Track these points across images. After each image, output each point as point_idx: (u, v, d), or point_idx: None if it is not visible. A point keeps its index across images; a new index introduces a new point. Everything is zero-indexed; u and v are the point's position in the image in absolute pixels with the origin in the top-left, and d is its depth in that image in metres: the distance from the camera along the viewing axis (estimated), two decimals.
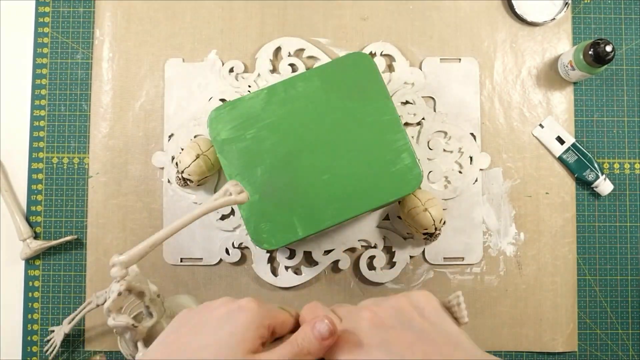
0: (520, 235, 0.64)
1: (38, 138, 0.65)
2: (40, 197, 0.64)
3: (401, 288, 0.63)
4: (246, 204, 0.55)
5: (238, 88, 0.64)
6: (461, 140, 0.63)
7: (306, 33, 0.65)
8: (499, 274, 0.63)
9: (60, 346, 0.63)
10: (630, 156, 0.65)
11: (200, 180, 0.59)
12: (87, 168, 0.64)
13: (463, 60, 0.64)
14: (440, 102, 0.64)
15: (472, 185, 0.63)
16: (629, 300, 0.64)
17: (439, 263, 0.63)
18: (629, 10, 0.66)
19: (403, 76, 0.64)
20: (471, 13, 0.65)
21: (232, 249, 0.62)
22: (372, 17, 0.65)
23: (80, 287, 0.64)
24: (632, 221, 0.64)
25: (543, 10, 0.65)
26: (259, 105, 0.56)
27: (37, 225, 0.64)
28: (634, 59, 0.66)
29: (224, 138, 0.55)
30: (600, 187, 0.63)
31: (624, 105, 0.65)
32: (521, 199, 0.64)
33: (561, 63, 0.63)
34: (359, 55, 0.57)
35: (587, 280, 0.64)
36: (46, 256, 0.64)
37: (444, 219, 0.59)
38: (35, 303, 0.64)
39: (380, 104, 0.56)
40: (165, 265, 0.63)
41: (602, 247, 0.64)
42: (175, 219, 0.62)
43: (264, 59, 0.64)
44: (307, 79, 0.56)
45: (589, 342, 0.64)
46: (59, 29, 0.66)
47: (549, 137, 0.64)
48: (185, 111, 0.64)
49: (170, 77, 0.64)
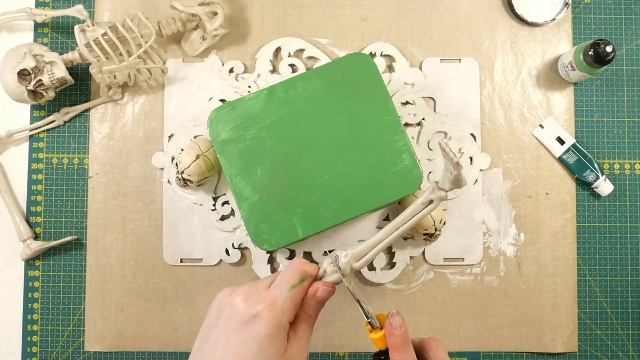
0: (520, 235, 0.64)
1: (38, 138, 0.65)
2: (40, 197, 0.64)
3: (401, 288, 0.63)
4: (246, 204, 0.55)
5: (238, 88, 0.63)
6: (461, 140, 0.63)
7: (306, 33, 0.65)
8: (499, 274, 0.63)
9: (61, 346, 0.63)
10: (630, 156, 0.65)
11: (200, 180, 0.59)
12: (87, 168, 0.64)
13: (463, 60, 0.64)
14: (440, 103, 0.64)
15: (472, 185, 0.63)
16: (629, 301, 0.64)
17: (439, 263, 0.63)
18: (629, 11, 0.66)
19: (403, 76, 0.64)
20: (471, 13, 0.65)
21: (232, 249, 0.62)
22: (372, 17, 0.65)
23: (80, 287, 0.64)
24: (632, 221, 0.64)
25: (543, 10, 0.65)
26: (259, 106, 0.56)
27: (37, 226, 0.64)
28: (634, 59, 0.66)
29: (224, 138, 0.55)
30: (600, 188, 0.63)
31: (624, 105, 0.65)
32: (521, 199, 0.64)
33: (561, 63, 0.63)
34: (359, 55, 0.57)
35: (587, 280, 0.64)
36: (46, 257, 0.64)
37: (444, 219, 0.59)
38: (35, 303, 0.64)
39: (380, 104, 0.56)
40: (165, 266, 0.63)
41: (602, 248, 0.64)
42: (175, 219, 0.63)
43: (263, 59, 0.64)
44: (307, 80, 0.56)
45: (589, 342, 0.64)
46: (58, 29, 0.66)
47: (549, 138, 0.64)
48: (185, 111, 0.64)
49: (170, 77, 0.64)
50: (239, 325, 0.38)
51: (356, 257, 0.46)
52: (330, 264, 0.45)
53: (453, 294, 0.63)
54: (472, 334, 0.63)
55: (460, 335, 0.63)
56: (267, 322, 0.38)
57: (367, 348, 0.63)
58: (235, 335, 0.38)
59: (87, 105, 0.64)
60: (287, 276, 0.42)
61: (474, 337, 0.63)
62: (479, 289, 0.63)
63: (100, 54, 0.58)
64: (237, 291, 0.41)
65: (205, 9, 0.60)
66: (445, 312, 0.63)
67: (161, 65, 0.62)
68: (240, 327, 0.38)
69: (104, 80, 0.60)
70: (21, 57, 0.58)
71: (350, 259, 0.46)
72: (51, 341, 0.63)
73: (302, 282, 0.42)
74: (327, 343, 0.63)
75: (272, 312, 0.39)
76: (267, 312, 0.39)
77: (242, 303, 0.39)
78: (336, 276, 0.45)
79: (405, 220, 0.47)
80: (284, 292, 0.41)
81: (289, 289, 0.41)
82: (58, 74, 0.58)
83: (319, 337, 0.63)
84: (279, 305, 0.40)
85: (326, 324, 0.63)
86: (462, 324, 0.63)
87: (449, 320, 0.63)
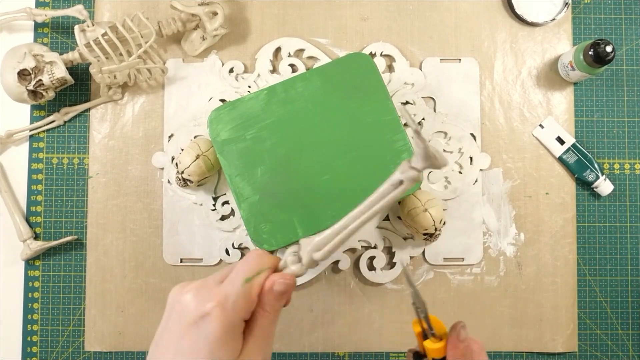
0: (520, 235, 0.64)
1: (38, 138, 0.65)
2: (40, 197, 0.64)
3: (401, 288, 0.63)
4: (246, 204, 0.55)
5: (238, 88, 0.64)
6: (461, 140, 0.63)
7: (306, 33, 0.65)
8: (499, 274, 0.63)
9: (61, 346, 0.63)
10: (630, 156, 0.65)
11: (200, 180, 0.59)
12: (87, 168, 0.64)
13: (463, 60, 0.64)
14: (440, 103, 0.64)
15: (472, 185, 0.63)
16: (629, 300, 0.64)
17: (439, 263, 0.63)
18: (629, 11, 0.66)
19: (403, 76, 0.64)
20: (471, 13, 0.65)
21: (232, 249, 0.62)
22: (372, 17, 0.65)
23: (80, 287, 0.64)
24: (632, 221, 0.64)
25: (543, 10, 0.65)
26: (259, 106, 0.56)
27: (37, 226, 0.64)
28: (634, 59, 0.66)
29: (224, 138, 0.55)
30: (600, 188, 0.63)
31: (624, 105, 0.65)
32: (521, 199, 0.64)
33: (561, 63, 0.63)
34: (359, 55, 0.57)
35: (587, 280, 0.64)
36: (46, 256, 0.64)
37: (444, 219, 0.59)
38: (35, 303, 0.64)
39: (380, 104, 0.56)
40: (165, 266, 0.63)
41: (602, 247, 0.64)
42: (175, 219, 0.63)
43: (264, 59, 0.64)
44: (307, 79, 0.56)
45: (589, 342, 0.64)
46: (58, 29, 0.66)
47: (549, 138, 0.64)
48: (185, 111, 0.64)
49: (170, 77, 0.64)
50: (189, 325, 0.35)
51: (318, 246, 0.40)
52: (292, 254, 0.41)
53: (453, 294, 0.63)
54: (472, 334, 0.63)
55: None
56: (217, 323, 0.35)
57: (367, 348, 0.63)
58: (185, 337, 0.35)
59: (87, 105, 0.64)
60: (241, 269, 0.38)
61: (474, 336, 0.63)
62: (479, 289, 0.63)
63: (100, 54, 0.58)
64: (187, 287, 0.37)
65: (205, 9, 0.60)
66: (445, 312, 0.63)
67: (161, 65, 0.62)
68: (190, 327, 0.35)
69: (104, 80, 0.60)
70: (21, 57, 0.58)
71: (312, 249, 0.40)
72: (51, 341, 0.63)
73: (259, 275, 0.38)
74: (327, 343, 0.63)
75: (223, 311, 0.35)
76: (218, 310, 0.35)
77: (191, 301, 0.36)
78: (297, 267, 0.40)
79: (372, 205, 0.41)
80: (237, 287, 0.36)
81: (242, 284, 0.37)
82: (58, 74, 0.58)
83: (319, 337, 0.63)
84: (231, 303, 0.36)
85: (326, 324, 0.63)
86: None
87: (449, 320, 0.63)
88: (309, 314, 0.63)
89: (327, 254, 0.41)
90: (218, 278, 0.38)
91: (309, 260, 0.40)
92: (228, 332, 0.35)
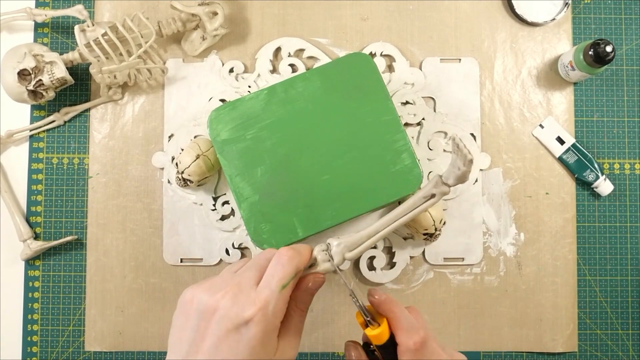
0: (520, 235, 0.64)
1: (38, 138, 0.65)
2: (40, 197, 0.64)
3: (401, 288, 0.63)
4: (246, 204, 0.55)
5: (238, 88, 0.64)
6: (461, 140, 0.63)
7: (306, 33, 0.65)
8: (499, 274, 0.63)
9: (61, 346, 0.63)
10: (630, 156, 0.65)
11: (200, 180, 0.59)
12: (87, 168, 0.64)
13: (463, 60, 0.64)
14: (440, 103, 0.64)
15: (472, 185, 0.63)
16: (629, 300, 0.64)
17: (439, 263, 0.63)
18: (629, 11, 0.66)
19: (403, 76, 0.64)
20: (471, 13, 0.65)
21: (232, 249, 0.62)
22: (372, 17, 0.65)
23: (80, 287, 0.64)
24: (632, 221, 0.64)
25: (543, 10, 0.65)
26: (259, 106, 0.56)
27: (37, 226, 0.64)
28: (634, 59, 0.66)
29: (224, 138, 0.55)
30: (600, 188, 0.63)
31: (624, 105, 0.65)
32: (521, 199, 0.64)
33: (561, 63, 0.63)
34: (359, 55, 0.57)
35: (587, 280, 0.64)
36: (46, 256, 0.64)
37: (444, 219, 0.59)
38: (35, 303, 0.64)
39: (380, 104, 0.56)
40: (165, 266, 0.63)
41: (602, 247, 0.64)
42: (175, 219, 0.63)
43: (264, 59, 0.64)
44: (307, 79, 0.56)
45: (589, 342, 0.64)
46: (58, 29, 0.66)
47: (549, 138, 0.64)
48: (185, 111, 0.64)
49: (170, 77, 0.64)
50: (229, 330, 0.36)
51: (350, 246, 0.44)
52: (321, 252, 0.43)
53: (453, 294, 0.63)
54: (472, 334, 0.63)
55: (460, 335, 0.63)
56: (259, 328, 0.36)
57: None
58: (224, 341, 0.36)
59: (87, 105, 0.64)
60: (278, 274, 0.38)
61: (473, 337, 0.63)
62: (479, 289, 0.63)
63: (100, 54, 0.58)
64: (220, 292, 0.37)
65: (205, 9, 0.60)
66: (445, 312, 0.63)
67: (161, 65, 0.62)
68: (230, 332, 0.36)
69: (104, 80, 0.60)
70: (21, 57, 0.58)
71: (344, 248, 0.44)
72: (51, 341, 0.63)
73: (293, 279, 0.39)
74: (327, 343, 0.63)
75: (265, 317, 0.36)
76: (260, 317, 0.36)
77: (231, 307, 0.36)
78: (327, 265, 0.42)
79: (404, 213, 0.46)
80: (275, 292, 0.37)
81: (280, 290, 0.38)
82: (58, 74, 0.58)
83: (318, 337, 0.63)
84: (271, 309, 0.37)
85: (326, 324, 0.63)
86: (462, 324, 0.63)
87: (448, 320, 0.63)
88: (309, 314, 0.63)
89: (357, 255, 0.45)
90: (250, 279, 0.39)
91: (340, 259, 0.43)
92: (268, 335, 0.37)
